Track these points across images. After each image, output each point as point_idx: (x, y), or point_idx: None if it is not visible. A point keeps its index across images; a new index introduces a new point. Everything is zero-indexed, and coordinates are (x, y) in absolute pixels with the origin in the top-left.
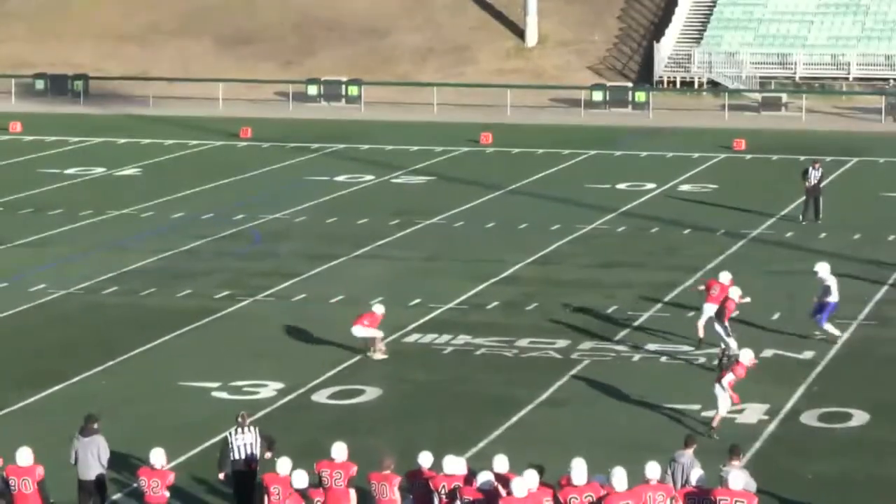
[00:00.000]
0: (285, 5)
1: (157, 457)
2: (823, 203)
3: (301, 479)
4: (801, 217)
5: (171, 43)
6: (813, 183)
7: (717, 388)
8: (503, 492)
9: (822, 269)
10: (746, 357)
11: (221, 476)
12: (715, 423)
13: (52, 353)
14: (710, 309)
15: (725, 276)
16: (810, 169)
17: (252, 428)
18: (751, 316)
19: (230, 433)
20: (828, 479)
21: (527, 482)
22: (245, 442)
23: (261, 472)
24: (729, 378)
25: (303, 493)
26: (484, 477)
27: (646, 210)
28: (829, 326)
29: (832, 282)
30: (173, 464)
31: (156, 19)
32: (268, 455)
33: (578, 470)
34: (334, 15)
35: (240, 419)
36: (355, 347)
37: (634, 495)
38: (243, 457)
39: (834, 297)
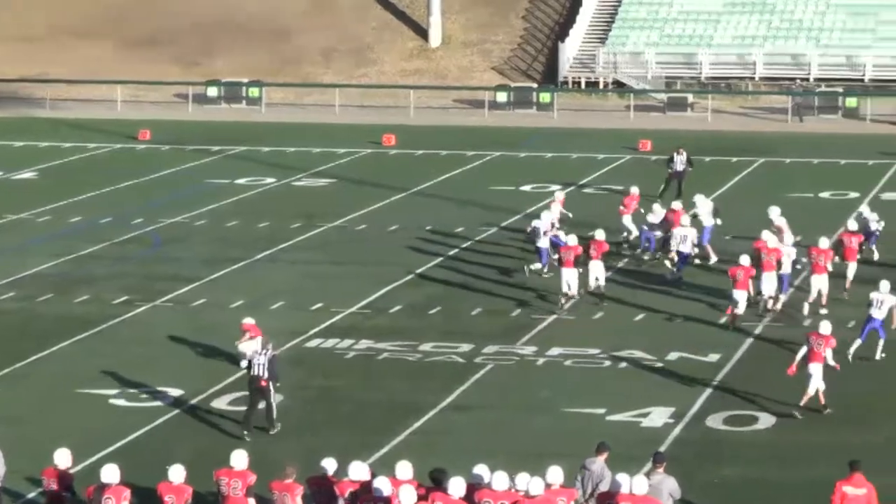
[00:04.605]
0: (189, 7)
1: (62, 457)
2: (685, 188)
3: (111, 473)
4: (658, 195)
5: (72, 45)
6: (677, 169)
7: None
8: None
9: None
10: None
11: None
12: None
13: None
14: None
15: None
16: (675, 155)
17: (267, 353)
18: (656, 318)
19: (255, 352)
20: (734, 482)
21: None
22: (259, 362)
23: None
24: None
25: (100, 488)
26: (380, 483)
27: None
28: None
29: None
30: (72, 472)
31: (56, 21)
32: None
33: (499, 476)
34: (238, 16)
35: (264, 342)
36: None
37: (546, 502)
38: (257, 373)
39: None
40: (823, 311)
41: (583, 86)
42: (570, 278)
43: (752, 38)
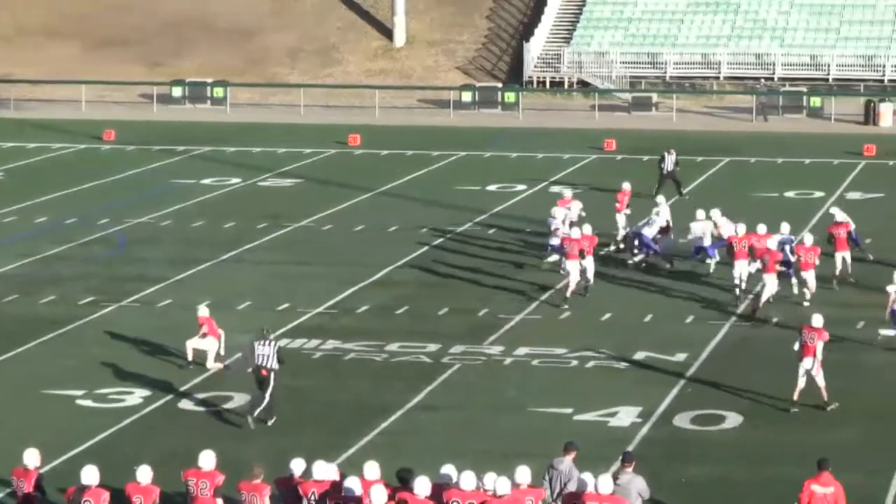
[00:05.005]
0: (155, 7)
1: (31, 457)
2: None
3: (91, 475)
4: (653, 193)
5: (38, 45)
6: (669, 169)
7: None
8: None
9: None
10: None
11: (249, 370)
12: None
13: None
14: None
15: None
16: (665, 154)
17: (271, 343)
18: (623, 317)
19: (256, 342)
20: (701, 482)
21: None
22: (263, 353)
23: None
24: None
25: (80, 490)
26: (351, 483)
27: (517, 211)
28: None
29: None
30: (41, 472)
31: (22, 21)
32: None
33: (467, 476)
34: (204, 17)
35: (265, 332)
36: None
37: (513, 502)
38: (260, 363)
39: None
40: (807, 304)
41: (548, 85)
42: (573, 270)
43: (717, 37)
